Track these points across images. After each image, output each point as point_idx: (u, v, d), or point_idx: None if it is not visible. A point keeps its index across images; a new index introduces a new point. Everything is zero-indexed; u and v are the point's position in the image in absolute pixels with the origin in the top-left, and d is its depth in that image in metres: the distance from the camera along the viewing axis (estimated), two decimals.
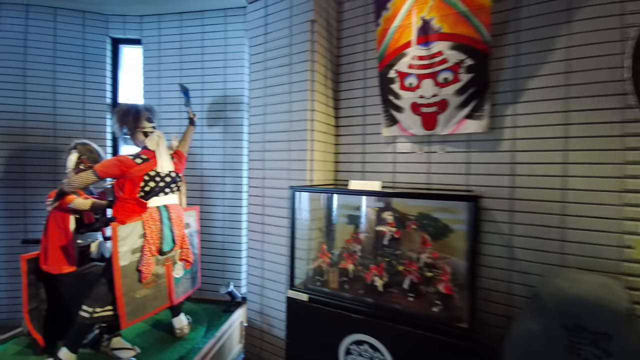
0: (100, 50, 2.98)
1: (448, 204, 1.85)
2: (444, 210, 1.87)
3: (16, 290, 2.83)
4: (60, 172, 2.90)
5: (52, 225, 1.97)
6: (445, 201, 1.85)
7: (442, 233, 1.85)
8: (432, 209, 1.90)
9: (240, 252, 2.85)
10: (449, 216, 1.85)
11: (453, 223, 1.82)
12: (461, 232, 1.78)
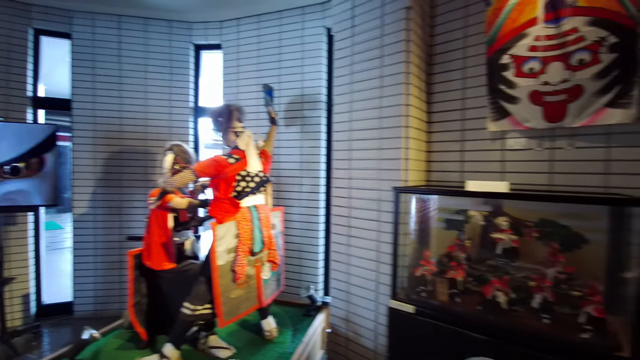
0: (185, 56, 3.12)
1: (578, 209, 1.56)
2: (575, 216, 1.58)
3: (110, 283, 3.07)
4: (151, 172, 3.10)
5: (153, 223, 2.06)
6: (578, 205, 1.57)
7: (574, 243, 1.57)
8: (558, 215, 1.62)
9: (317, 254, 2.78)
10: (582, 224, 1.56)
11: (589, 232, 1.53)
12: (600, 242, 1.49)
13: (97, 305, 3.05)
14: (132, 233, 3.02)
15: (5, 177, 2.25)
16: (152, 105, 3.08)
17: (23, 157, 2.28)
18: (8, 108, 2.73)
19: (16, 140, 2.27)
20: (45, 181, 2.36)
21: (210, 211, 1.90)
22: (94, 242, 3.03)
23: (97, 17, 2.97)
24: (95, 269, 3.04)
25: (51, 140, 2.36)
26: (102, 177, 3.02)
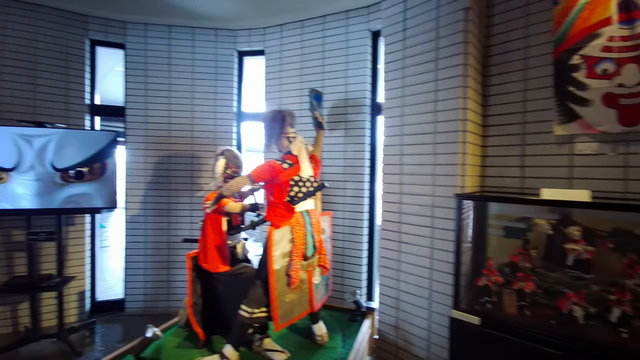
0: (229, 63, 3.20)
1: None
2: None
3: (158, 282, 3.19)
4: (197, 175, 3.20)
5: (208, 226, 2.12)
6: None
7: None
8: (635, 225, 1.51)
9: (361, 259, 2.76)
10: None
11: None
12: None
13: (147, 303, 3.18)
14: (177, 234, 3.13)
15: (70, 181, 2.40)
16: (199, 111, 3.18)
17: (86, 162, 2.42)
18: (68, 115, 2.91)
19: (80, 146, 2.41)
20: (106, 185, 2.50)
21: (266, 216, 1.93)
22: (144, 243, 3.17)
23: (149, 28, 3.11)
24: (145, 268, 3.17)
25: (112, 146, 2.49)
26: (152, 180, 3.15)
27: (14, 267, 2.73)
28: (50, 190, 2.36)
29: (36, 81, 2.79)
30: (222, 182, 2.28)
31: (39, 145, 2.31)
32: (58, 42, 2.86)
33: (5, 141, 2.25)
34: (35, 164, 2.31)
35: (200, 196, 3.19)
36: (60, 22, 2.87)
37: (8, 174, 2.27)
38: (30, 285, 2.39)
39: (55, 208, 2.39)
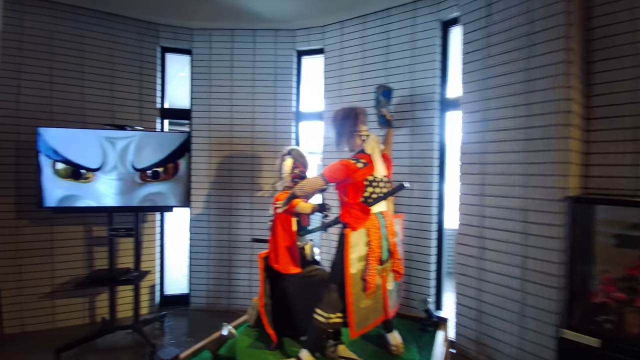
0: (288, 62, 3.20)
1: None
2: None
3: (220, 279, 3.27)
4: (257, 175, 3.23)
5: (278, 226, 2.10)
6: None
7: None
8: None
9: (429, 264, 2.60)
10: None
11: None
12: None
13: (210, 300, 3.28)
14: (238, 233, 3.18)
15: (147, 180, 2.52)
16: (259, 112, 3.22)
17: (161, 163, 2.53)
18: (142, 119, 3.09)
19: (156, 147, 2.52)
20: (178, 184, 2.59)
21: (341, 217, 1.86)
22: (208, 241, 3.27)
23: (213, 33, 3.20)
24: (208, 266, 3.27)
25: (184, 146, 2.58)
26: (215, 179, 3.24)
27: (94, 260, 2.95)
28: (130, 189, 2.50)
29: (114, 87, 2.99)
30: (289, 182, 2.25)
31: (121, 147, 2.46)
32: (133, 50, 3.05)
33: (93, 143, 2.42)
34: (117, 164, 2.46)
35: (260, 196, 3.23)
36: (135, 30, 3.05)
37: (94, 174, 2.44)
38: (110, 278, 2.54)
39: (134, 206, 2.53)
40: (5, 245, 2.64)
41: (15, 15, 2.65)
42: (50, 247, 2.79)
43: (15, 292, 2.69)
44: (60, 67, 2.80)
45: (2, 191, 2.63)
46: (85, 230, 2.91)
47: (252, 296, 3.24)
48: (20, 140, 2.68)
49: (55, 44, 2.77)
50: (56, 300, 2.82)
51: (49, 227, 2.78)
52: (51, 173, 2.38)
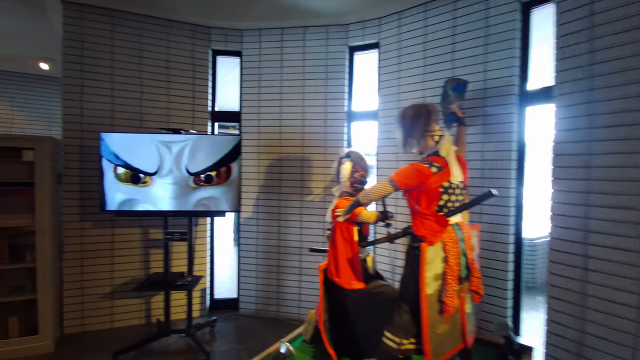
0: (340, 60, 3.03)
1: None
2: None
3: (268, 285, 3.18)
4: (307, 179, 3.10)
5: (338, 236, 1.92)
6: None
7: None
8: None
9: (506, 282, 2.27)
10: None
11: None
12: None
13: (258, 306, 3.20)
14: (287, 239, 3.06)
15: (201, 185, 2.48)
16: (309, 112, 3.08)
17: (214, 166, 2.47)
18: (194, 122, 3.09)
19: (209, 150, 2.47)
20: (231, 189, 2.52)
21: (414, 228, 1.64)
22: (256, 246, 3.19)
23: (263, 33, 3.12)
24: (256, 271, 3.20)
25: (237, 150, 2.51)
26: (264, 183, 3.16)
27: (149, 262, 2.99)
28: (184, 193, 2.47)
29: (170, 92, 3.02)
30: (349, 187, 2.07)
31: (177, 151, 2.44)
32: (186, 54, 3.06)
33: (150, 148, 2.42)
34: (173, 168, 2.44)
35: (310, 200, 3.08)
36: (189, 35, 3.06)
37: (151, 178, 2.44)
38: (166, 282, 2.53)
39: (188, 210, 2.50)
40: (70, 247, 2.75)
41: (75, 23, 2.75)
42: (111, 249, 2.87)
43: (78, 292, 2.79)
44: (120, 73, 2.87)
45: (68, 194, 2.75)
46: (141, 232, 2.96)
47: (302, 305, 3.11)
48: (84, 145, 2.78)
49: (115, 50, 2.85)
50: (114, 301, 2.90)
51: (110, 229, 2.85)
52: (112, 177, 2.42)
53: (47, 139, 2.42)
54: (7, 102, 4.51)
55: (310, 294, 3.08)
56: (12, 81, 4.53)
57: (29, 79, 4.62)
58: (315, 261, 3.06)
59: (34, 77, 4.63)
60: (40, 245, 2.42)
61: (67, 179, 2.74)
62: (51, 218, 2.44)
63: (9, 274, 2.45)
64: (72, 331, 2.79)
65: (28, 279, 2.50)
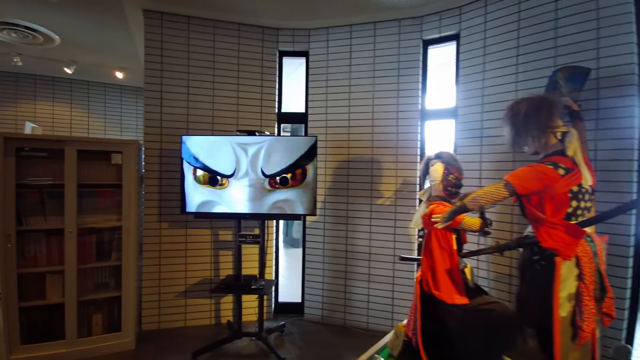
0: (413, 55, 2.85)
1: None
2: None
3: (335, 291, 3.07)
4: (376, 181, 2.95)
5: (435, 245, 1.76)
6: None
7: None
8: None
9: (623, 300, 1.94)
10: None
11: None
12: None
13: (325, 312, 3.11)
14: (355, 243, 2.93)
15: (276, 187, 2.44)
16: (379, 112, 2.94)
17: (290, 168, 2.42)
18: (262, 124, 3.09)
19: (285, 152, 2.42)
20: (306, 192, 2.45)
21: (542, 240, 1.43)
22: (323, 250, 3.11)
23: (331, 32, 3.04)
24: (322, 276, 3.11)
25: (312, 151, 2.44)
26: (331, 186, 3.07)
27: (219, 263, 3.02)
28: (259, 196, 2.45)
29: (239, 94, 3.04)
30: (441, 190, 1.90)
31: (253, 153, 2.43)
32: (256, 57, 3.06)
33: (227, 150, 2.43)
34: (249, 170, 2.43)
35: (380, 204, 2.94)
36: (258, 37, 3.07)
37: (228, 180, 2.45)
38: (240, 286, 2.52)
39: (264, 213, 2.47)
40: (149, 246, 2.86)
41: (155, 31, 2.86)
42: (185, 249, 2.94)
43: (155, 290, 2.89)
44: (195, 77, 2.94)
45: (148, 195, 2.85)
46: (212, 234, 3.00)
47: (371, 314, 2.96)
48: (163, 149, 2.87)
49: (191, 56, 2.93)
50: (188, 300, 2.96)
51: (184, 230, 2.92)
52: (192, 180, 2.45)
53: (133, 142, 2.52)
54: (84, 109, 4.89)
55: (379, 303, 2.93)
56: (88, 90, 4.90)
57: (104, 88, 4.97)
58: (385, 268, 2.90)
59: (108, 86, 4.99)
60: (125, 244, 2.53)
61: (147, 181, 2.85)
62: (135, 218, 2.54)
63: (95, 272, 2.57)
64: (149, 328, 2.89)
65: (112, 276, 2.61)
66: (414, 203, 2.85)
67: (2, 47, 3.55)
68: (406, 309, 2.84)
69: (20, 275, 2.27)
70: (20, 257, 2.28)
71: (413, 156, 2.85)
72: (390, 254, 2.90)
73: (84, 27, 3.17)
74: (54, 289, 2.39)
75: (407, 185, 2.86)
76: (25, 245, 2.32)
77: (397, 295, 2.88)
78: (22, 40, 3.31)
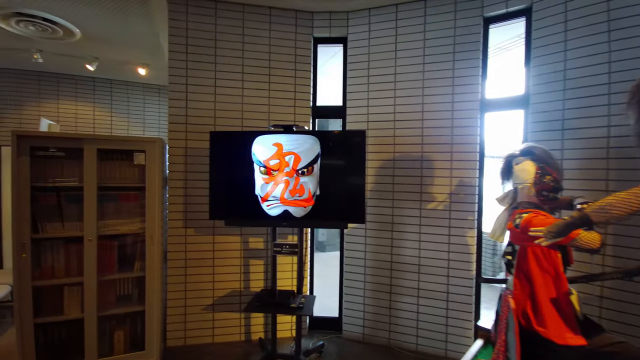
0: (472, 35, 2.45)
1: None
2: None
3: (378, 307, 2.71)
4: (427, 182, 2.58)
5: (534, 266, 1.37)
6: None
7: None
8: None
9: None
10: None
11: None
12: None
13: (366, 330, 2.75)
14: (402, 253, 2.56)
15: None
16: (430, 103, 2.56)
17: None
18: (296, 120, 2.77)
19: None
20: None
21: None
22: (364, 260, 2.76)
23: (373, 13, 2.69)
24: (363, 289, 2.76)
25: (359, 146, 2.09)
26: (373, 188, 2.71)
27: (248, 274, 2.73)
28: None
29: (270, 87, 2.74)
30: (533, 195, 1.51)
31: (289, 150, 2.10)
32: (288, 45, 2.75)
33: (267, 148, 2.12)
34: (288, 170, 2.11)
35: (432, 209, 2.56)
36: (290, 22, 2.75)
37: (267, 180, 2.14)
38: (278, 304, 2.21)
39: (301, 220, 2.15)
40: (174, 255, 2.60)
41: (180, 17, 2.59)
42: (212, 258, 2.66)
43: (181, 302, 2.62)
44: (223, 69, 2.66)
45: (173, 199, 2.59)
46: (241, 241, 2.71)
47: (421, 334, 2.59)
48: (189, 147, 2.61)
49: (218, 45, 2.65)
50: (216, 314, 2.68)
51: (211, 237, 2.65)
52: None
53: (157, 140, 2.26)
54: (107, 108, 4.74)
55: (431, 322, 2.55)
56: (111, 88, 4.74)
57: (127, 86, 4.81)
58: (437, 282, 2.52)
59: (131, 84, 4.82)
60: (149, 253, 2.27)
61: (171, 183, 2.59)
62: (160, 224, 2.28)
63: (116, 284, 2.33)
64: (174, 344, 2.63)
65: (135, 287, 2.37)
66: (473, 208, 2.46)
67: (21, 42, 3.38)
68: (464, 330, 2.46)
69: (36, 288, 2.05)
70: (35, 268, 2.06)
71: (471, 154, 2.46)
72: (444, 266, 2.52)
73: (104, 18, 2.95)
74: (73, 303, 2.16)
75: (464, 188, 2.47)
76: (42, 254, 2.10)
77: (453, 314, 2.49)
78: (42, 34, 3.13)
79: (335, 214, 2.24)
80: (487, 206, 2.50)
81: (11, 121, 4.25)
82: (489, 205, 2.55)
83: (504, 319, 1.47)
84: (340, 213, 2.25)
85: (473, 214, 2.45)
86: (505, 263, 1.54)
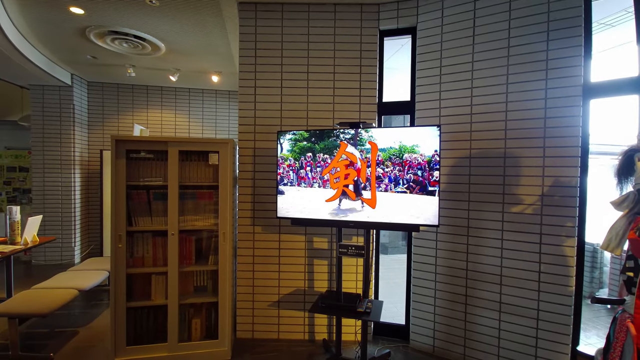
0: (571, 10, 2.08)
1: None
2: None
3: (452, 319, 2.46)
4: (512, 182, 2.27)
5: None
6: None
7: None
8: None
9: None
10: None
11: None
12: None
13: (436, 341, 2.54)
14: (480, 261, 2.27)
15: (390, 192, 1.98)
16: (516, 92, 2.25)
17: None
18: (361, 117, 2.68)
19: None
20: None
21: None
22: (435, 266, 2.54)
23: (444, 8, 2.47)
24: (434, 297, 2.55)
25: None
26: (446, 188, 2.48)
27: (312, 274, 2.71)
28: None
29: (335, 84, 2.69)
30: None
31: (367, 149, 2.02)
32: (353, 40, 2.67)
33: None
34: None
35: (517, 212, 2.24)
36: (356, 17, 2.67)
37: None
38: (344, 307, 2.15)
39: (372, 222, 2.05)
40: (243, 251, 2.71)
41: (250, 23, 2.69)
42: (277, 256, 2.71)
43: (249, 297, 2.72)
44: (289, 69, 2.69)
45: (242, 197, 2.70)
46: (307, 240, 2.71)
47: (503, 354, 2.28)
48: (257, 147, 2.70)
49: (285, 46, 2.69)
50: (281, 311, 2.73)
51: (277, 235, 2.70)
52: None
53: (229, 141, 2.37)
54: (185, 113, 5.22)
55: (516, 341, 2.24)
56: (189, 96, 5.22)
57: (202, 93, 5.25)
58: (525, 297, 2.20)
59: (205, 91, 5.25)
60: (222, 248, 2.39)
61: (240, 182, 2.71)
62: (231, 221, 2.39)
63: (194, 275, 2.51)
64: (243, 336, 2.74)
65: (210, 280, 2.52)
66: (572, 213, 2.08)
67: (117, 59, 3.91)
68: (559, 354, 2.10)
69: (129, 275, 2.30)
70: (129, 257, 2.31)
71: (571, 148, 2.09)
72: (534, 279, 2.18)
73: (184, 31, 3.23)
74: (159, 290, 2.38)
75: (561, 189, 2.11)
76: (134, 245, 2.35)
77: (545, 335, 2.15)
78: (133, 50, 3.55)
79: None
80: (591, 211, 2.10)
81: (111, 129, 4.95)
82: (594, 210, 2.14)
83: (618, 346, 1.19)
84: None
85: (572, 219, 2.08)
86: (625, 281, 1.25)
